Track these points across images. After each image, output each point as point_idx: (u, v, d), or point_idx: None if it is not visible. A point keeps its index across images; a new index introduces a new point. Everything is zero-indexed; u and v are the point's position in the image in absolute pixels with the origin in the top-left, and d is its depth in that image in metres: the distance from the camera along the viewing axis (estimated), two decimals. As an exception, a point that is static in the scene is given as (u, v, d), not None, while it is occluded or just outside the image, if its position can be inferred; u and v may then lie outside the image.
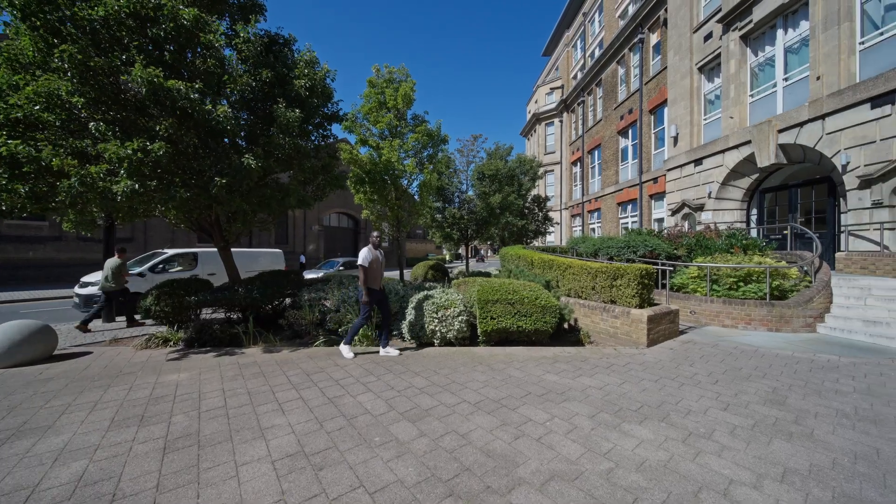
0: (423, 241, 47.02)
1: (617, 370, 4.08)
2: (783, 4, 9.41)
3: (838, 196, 8.72)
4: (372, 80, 9.70)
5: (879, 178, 7.25)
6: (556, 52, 30.24)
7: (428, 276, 13.08)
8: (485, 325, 4.95)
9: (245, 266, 12.09)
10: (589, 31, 24.05)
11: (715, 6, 11.67)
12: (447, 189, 14.41)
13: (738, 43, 10.76)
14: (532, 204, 20.09)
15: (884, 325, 5.42)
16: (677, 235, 9.23)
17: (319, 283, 7.64)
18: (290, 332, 6.15)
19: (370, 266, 4.80)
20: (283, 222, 26.73)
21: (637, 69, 17.10)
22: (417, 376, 3.95)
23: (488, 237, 15.90)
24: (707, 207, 11.84)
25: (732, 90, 10.97)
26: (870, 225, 7.45)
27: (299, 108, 5.86)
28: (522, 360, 4.49)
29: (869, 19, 7.84)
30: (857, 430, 2.73)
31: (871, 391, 3.47)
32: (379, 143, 9.79)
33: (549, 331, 4.93)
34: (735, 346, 5.04)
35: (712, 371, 4.03)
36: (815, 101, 8.47)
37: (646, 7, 15.73)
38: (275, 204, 6.14)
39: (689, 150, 12.68)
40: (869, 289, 6.25)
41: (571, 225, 25.27)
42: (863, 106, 7.55)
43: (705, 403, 3.22)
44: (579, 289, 6.24)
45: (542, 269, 7.25)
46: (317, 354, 4.87)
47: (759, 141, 9.90)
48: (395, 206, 10.25)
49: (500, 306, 4.89)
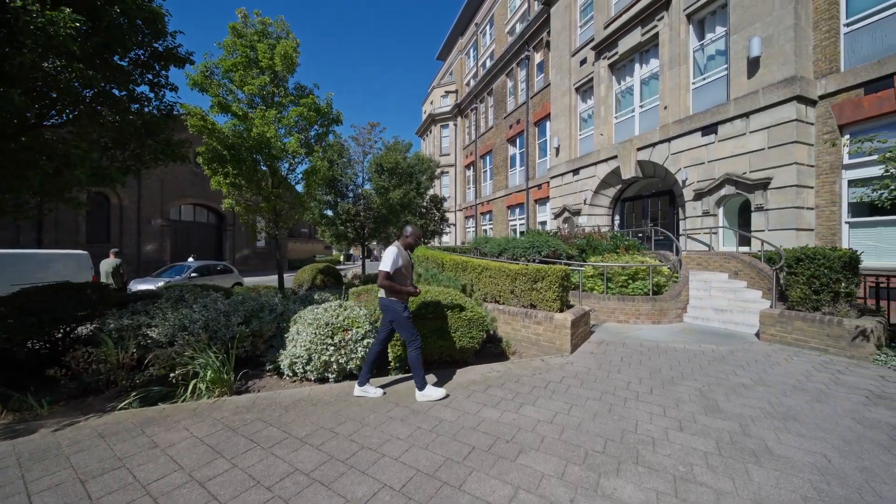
0: (310, 241, 42.26)
1: (557, 390, 3.52)
2: (640, 43, 11.11)
3: (677, 206, 10.73)
4: (237, 28, 7.35)
5: (707, 192, 9.05)
6: (451, 57, 30.95)
7: (317, 283, 11.02)
8: (398, 350, 3.82)
9: (21, 275, 7.94)
10: (481, 41, 25.20)
11: (589, 35, 13.21)
12: (340, 181, 12.58)
13: (607, 70, 12.36)
14: (430, 203, 19.70)
15: (728, 312, 6.55)
16: (570, 236, 9.86)
17: (144, 302, 5.17)
18: (77, 385, 3.76)
19: (397, 273, 3.33)
20: (99, 211, 19.60)
21: (524, 83, 18.46)
22: (304, 446, 2.56)
23: (386, 237, 14.66)
24: (583, 213, 13.31)
25: (602, 111, 12.54)
26: (701, 230, 9.26)
27: (87, 18, 3.59)
28: (450, 389, 3.54)
29: (697, 65, 9.80)
30: (794, 434, 2.70)
31: (763, 381, 3.76)
32: (247, 111, 7.52)
33: (475, 347, 4.13)
34: (640, 343, 5.22)
35: (641, 377, 3.87)
36: (664, 126, 10.19)
37: (531, 27, 17.03)
38: (39, 176, 3.64)
39: (568, 160, 14.08)
40: (710, 282, 7.59)
41: (465, 226, 26.05)
42: (696, 133, 9.34)
43: (660, 423, 2.86)
44: (497, 293, 5.71)
45: (455, 271, 6.52)
46: (117, 430, 2.89)
47: (623, 156, 11.50)
48: (272, 195, 8.08)
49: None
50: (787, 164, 7.46)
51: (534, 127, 17.50)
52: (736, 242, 8.69)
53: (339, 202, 12.53)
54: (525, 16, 19.64)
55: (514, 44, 18.50)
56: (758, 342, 5.29)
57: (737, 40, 8.36)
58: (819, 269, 4.83)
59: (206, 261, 13.98)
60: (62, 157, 3.75)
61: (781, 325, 5.10)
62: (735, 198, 8.63)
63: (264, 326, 4.38)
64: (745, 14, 8.20)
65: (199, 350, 3.72)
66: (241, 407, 3.23)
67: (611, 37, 11.92)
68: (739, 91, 8.32)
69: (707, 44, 9.49)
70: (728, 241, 8.95)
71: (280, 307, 4.95)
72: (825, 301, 4.83)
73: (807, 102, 7.45)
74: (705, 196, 9.09)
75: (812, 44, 7.61)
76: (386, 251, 3.38)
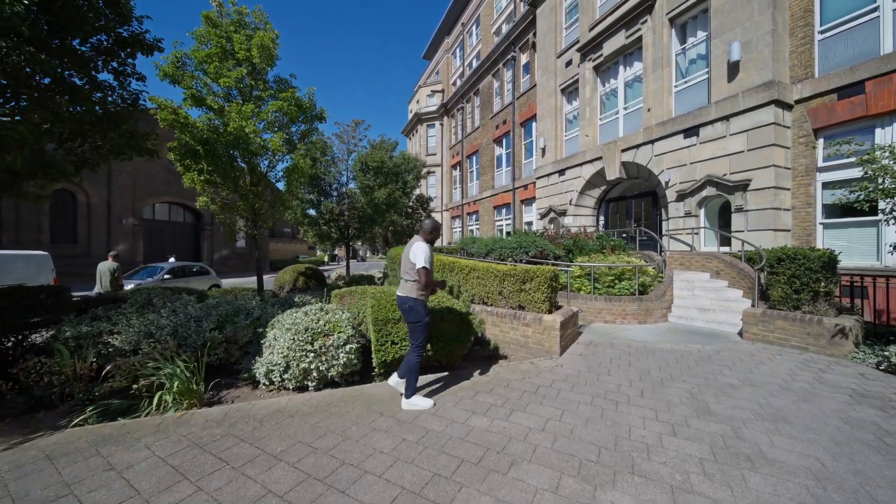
0: (293, 241, 41.34)
1: (547, 395, 3.42)
2: (624, 45, 11.24)
3: (660, 207, 10.90)
4: (211, 17, 6.99)
5: (689, 193, 9.21)
6: (437, 56, 30.80)
7: (298, 285, 10.67)
8: (384, 355, 3.64)
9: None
10: (467, 41, 25.16)
11: (575, 37, 13.30)
12: (324, 179, 12.23)
13: (592, 72, 12.47)
14: (416, 203, 19.49)
15: (712, 311, 6.64)
16: (557, 237, 9.86)
17: (107, 307, 4.80)
18: (26, 400, 3.42)
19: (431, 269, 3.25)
20: (64, 209, 18.51)
21: (510, 84, 18.48)
22: (279, 464, 2.35)
23: (371, 237, 14.37)
24: (568, 213, 13.40)
25: (587, 112, 12.64)
26: (683, 230, 9.42)
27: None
28: (437, 395, 3.39)
29: (679, 68, 9.97)
30: (786, 436, 2.67)
31: (750, 381, 3.76)
32: (223, 105, 7.16)
33: (464, 351, 3.99)
34: (627, 344, 5.20)
35: (631, 379, 3.81)
36: (647, 128, 10.32)
37: (517, 28, 17.06)
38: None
39: (554, 161, 14.15)
40: (692, 282, 7.70)
41: (452, 226, 25.95)
42: (678, 136, 9.49)
43: (653, 429, 2.78)
44: (485, 294, 5.59)
45: (442, 272, 6.37)
46: (68, 450, 2.60)
47: (608, 158, 11.61)
48: (250, 193, 7.73)
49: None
50: (766, 166, 7.64)
51: (520, 127, 17.54)
52: (717, 243, 8.87)
53: (323, 201, 12.19)
54: (511, 16, 19.69)
55: (501, 44, 18.51)
56: (741, 341, 5.35)
57: (717, 44, 8.53)
58: (799, 268, 4.92)
59: (183, 262, 13.35)
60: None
61: (764, 325, 5.18)
62: (716, 199, 8.80)
63: (239, 332, 4.12)
64: (726, 19, 8.37)
65: (167, 359, 3.44)
66: (211, 420, 2.98)
67: (596, 39, 12.02)
68: (720, 94, 8.49)
69: (689, 48, 9.66)
70: (709, 242, 9.13)
71: (257, 311, 4.69)
72: (805, 300, 4.92)
73: (784, 106, 7.66)
74: (687, 197, 9.25)
75: (788, 49, 7.83)
76: (414, 246, 3.20)
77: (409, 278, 3.20)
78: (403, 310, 3.25)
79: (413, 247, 3.21)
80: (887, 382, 3.65)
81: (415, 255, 3.14)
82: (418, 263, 3.11)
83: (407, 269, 3.22)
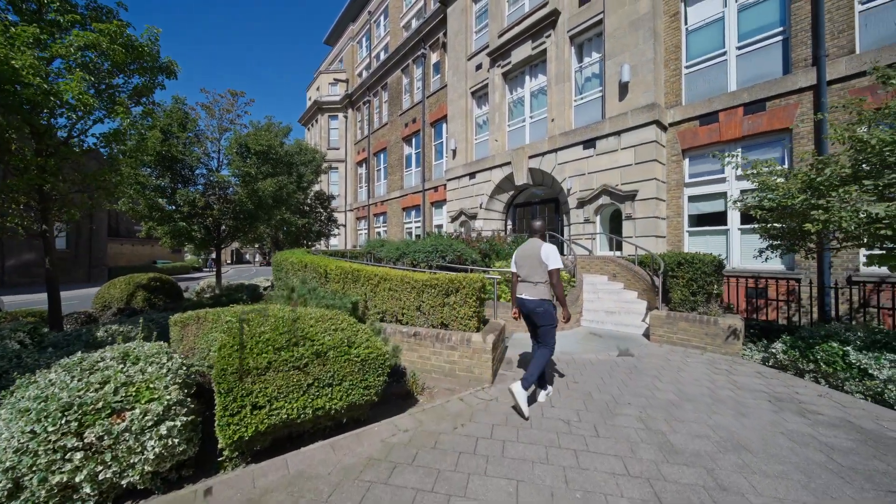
0: (150, 243, 32.89)
1: (491, 455, 2.51)
2: (530, 56, 11.59)
3: (562, 213, 11.50)
4: None
5: (588, 201, 9.81)
6: (341, 43, 28.34)
7: (135, 303, 7.69)
8: (243, 426, 2.19)
9: None
10: (374, 31, 23.67)
11: (485, 41, 13.31)
12: (183, 160, 9.30)
13: (501, 78, 12.60)
14: (315, 201, 17.12)
15: (617, 314, 6.88)
16: (472, 240, 9.37)
17: None
18: None
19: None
20: None
21: (420, 82, 17.81)
22: None
23: (256, 237, 11.74)
24: (479, 217, 13.28)
25: (497, 117, 12.72)
26: (583, 235, 9.99)
27: None
28: (330, 481, 2.14)
29: (577, 84, 10.66)
30: (759, 473, 2.31)
31: (684, 394, 3.57)
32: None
33: (372, 401, 2.80)
34: (557, 358, 4.74)
35: (577, 409, 3.22)
36: (552, 137, 10.75)
37: (427, 25, 16.50)
38: None
39: (465, 163, 13.91)
40: (595, 284, 8.03)
41: (357, 228, 23.94)
42: (578, 146, 10.06)
43: (632, 493, 2.11)
44: (399, 310, 4.47)
45: (344, 283, 5.01)
46: None
47: (516, 163, 11.80)
48: (34, 167, 5.01)
49: (278, 375, 2.31)
50: (649, 178, 8.48)
51: (430, 127, 16.97)
52: (611, 247, 9.60)
53: (180, 189, 9.25)
54: (422, 12, 19.10)
55: (410, 39, 17.70)
56: (650, 344, 5.49)
57: (611, 65, 9.25)
58: (696, 272, 5.24)
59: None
60: None
61: (668, 327, 5.39)
62: (610, 207, 9.52)
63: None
64: (617, 43, 9.13)
65: None
66: None
67: (504, 46, 12.15)
68: (613, 111, 9.21)
69: (586, 66, 10.37)
70: (604, 246, 9.85)
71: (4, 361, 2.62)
72: (700, 302, 5.26)
73: (662, 127, 8.65)
74: (586, 204, 9.82)
75: (664, 78, 8.92)
76: (545, 247, 3.22)
77: (541, 280, 3.18)
78: (537, 313, 3.20)
79: (543, 248, 3.22)
80: (783, 380, 3.90)
81: (548, 257, 3.17)
82: (554, 265, 3.17)
83: (537, 270, 3.20)
